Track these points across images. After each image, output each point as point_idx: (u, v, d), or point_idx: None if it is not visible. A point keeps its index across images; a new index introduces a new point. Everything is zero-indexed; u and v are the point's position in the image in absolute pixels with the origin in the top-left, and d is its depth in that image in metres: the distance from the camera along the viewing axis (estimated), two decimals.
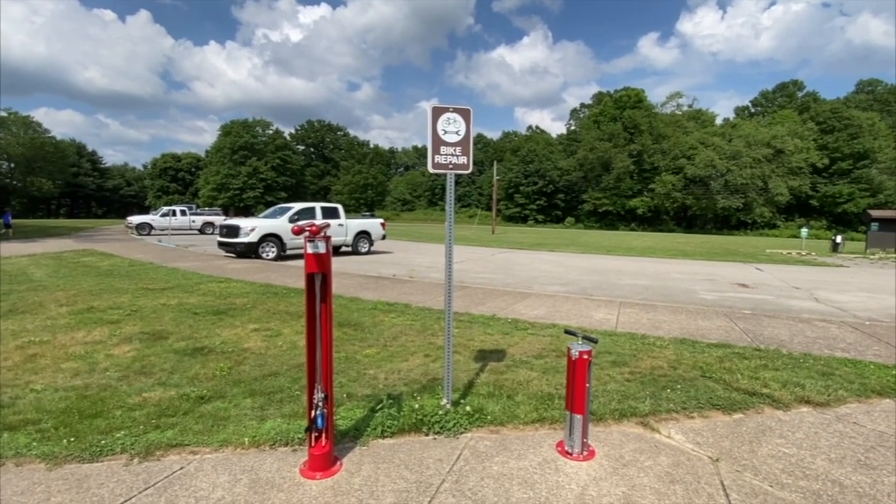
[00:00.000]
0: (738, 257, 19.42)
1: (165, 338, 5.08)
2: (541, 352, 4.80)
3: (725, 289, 10.27)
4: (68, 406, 3.37)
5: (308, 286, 2.53)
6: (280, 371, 4.14)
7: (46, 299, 6.89)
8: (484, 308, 6.94)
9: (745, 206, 55.97)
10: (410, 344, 4.98)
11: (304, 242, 2.46)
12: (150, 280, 8.83)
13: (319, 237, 2.44)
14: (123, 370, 4.13)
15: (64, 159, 65.81)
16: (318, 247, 2.45)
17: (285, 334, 5.28)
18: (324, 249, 2.47)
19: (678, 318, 6.62)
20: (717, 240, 38.09)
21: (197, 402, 3.49)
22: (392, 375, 4.08)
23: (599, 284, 10.30)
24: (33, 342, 4.82)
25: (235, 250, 13.09)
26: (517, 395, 3.65)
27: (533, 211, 68.13)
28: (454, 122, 3.00)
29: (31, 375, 3.97)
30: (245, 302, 6.95)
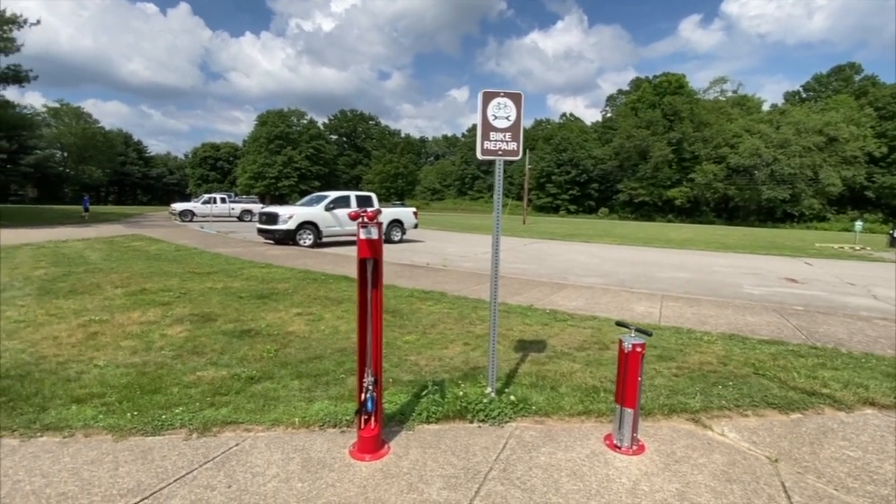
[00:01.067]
0: (785, 251, 18.47)
1: (214, 320, 5.28)
2: (582, 344, 4.71)
3: (773, 283, 9.80)
4: (129, 382, 3.55)
5: (360, 272, 2.55)
6: (324, 354, 4.23)
7: (102, 281, 7.28)
8: (520, 298, 6.88)
9: (792, 197, 53.10)
10: (449, 332, 4.99)
11: (358, 228, 2.48)
12: (195, 264, 9.20)
13: (373, 223, 2.45)
14: (177, 349, 4.32)
15: (112, 148, 69.24)
16: (371, 232, 2.47)
17: (327, 319, 5.39)
18: (376, 235, 2.49)
19: (724, 312, 6.36)
20: (761, 232, 36.36)
21: (247, 382, 3.61)
22: (433, 362, 4.10)
23: (637, 277, 10.02)
24: (94, 321, 5.11)
25: (274, 237, 13.45)
26: (560, 386, 3.60)
27: (565, 201, 66.88)
28: (504, 108, 2.94)
29: (94, 352, 4.21)
30: (286, 287, 7.14)
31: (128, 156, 74.96)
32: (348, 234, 15.00)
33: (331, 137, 79.20)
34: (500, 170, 3.02)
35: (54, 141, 64.23)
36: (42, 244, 12.19)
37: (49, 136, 63.57)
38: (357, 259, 2.52)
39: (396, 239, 16.26)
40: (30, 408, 3.10)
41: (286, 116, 69.42)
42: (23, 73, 23.02)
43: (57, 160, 66.05)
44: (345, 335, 4.81)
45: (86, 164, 65.50)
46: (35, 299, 6.03)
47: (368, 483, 2.42)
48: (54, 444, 2.73)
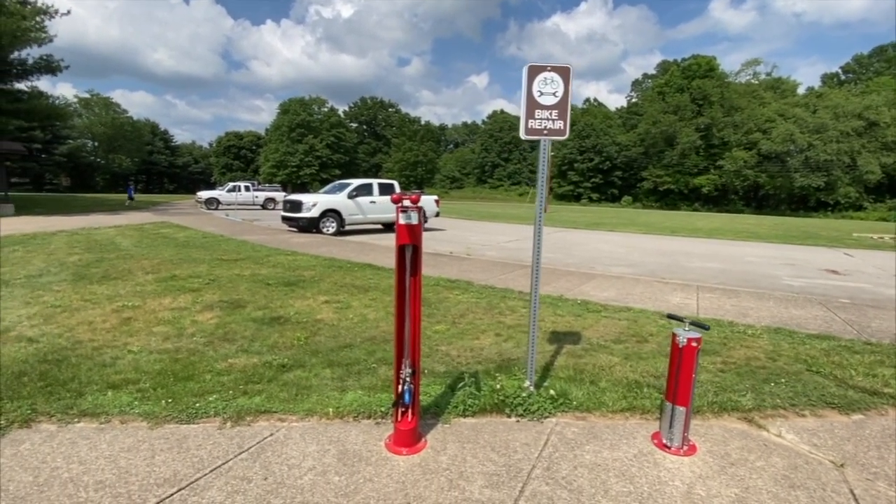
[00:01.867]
0: (821, 241, 17.69)
1: (243, 307, 5.28)
2: (619, 336, 4.53)
3: (812, 275, 9.35)
4: (163, 368, 3.55)
5: (399, 258, 2.43)
6: (354, 343, 4.16)
7: (134, 267, 7.40)
8: (549, 288, 6.70)
9: (827, 184, 50.82)
10: (479, 322, 4.87)
11: (397, 213, 2.35)
12: (223, 251, 9.29)
13: (413, 208, 2.32)
14: (208, 336, 4.32)
15: (140, 138, 70.90)
16: (412, 218, 2.34)
17: (355, 307, 5.33)
18: (416, 220, 2.36)
19: (765, 305, 6.06)
20: (793, 222, 34.98)
21: (279, 370, 3.57)
22: (465, 353, 3.99)
23: (667, 267, 9.69)
24: (127, 307, 5.16)
25: (298, 224, 13.52)
26: (600, 380, 3.45)
27: (587, 189, 65.61)
28: (551, 83, 2.75)
29: (128, 338, 4.24)
30: (313, 274, 7.12)
31: (155, 145, 76.68)
32: (371, 221, 14.98)
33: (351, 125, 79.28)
34: (544, 151, 2.85)
35: (85, 131, 66.09)
36: (76, 231, 12.52)
37: (80, 126, 65.44)
38: (395, 245, 2.40)
39: None
40: (67, 393, 3.11)
41: (307, 104, 69.68)
42: (55, 63, 23.56)
43: (88, 150, 68.04)
44: (373, 323, 4.74)
45: (115, 153, 67.30)
46: (70, 284, 6.14)
47: (407, 478, 2.33)
48: (91, 430, 2.73)
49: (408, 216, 2.35)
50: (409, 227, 2.33)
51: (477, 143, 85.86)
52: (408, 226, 2.34)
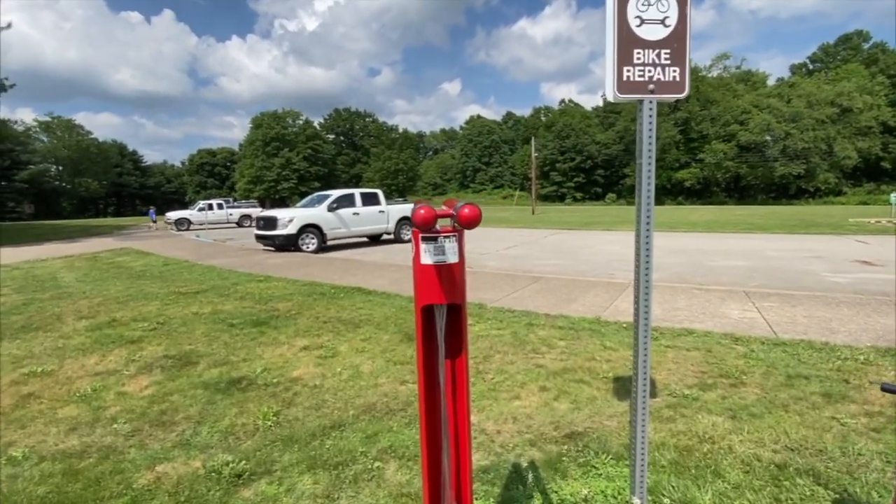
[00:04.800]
0: (824, 229, 17.08)
1: (194, 363, 4.00)
2: (701, 377, 3.40)
3: (849, 268, 8.45)
4: (48, 494, 2.27)
5: (422, 330, 1.23)
6: (345, 419, 2.94)
7: (67, 310, 6.01)
8: (578, 307, 5.56)
9: (806, 172, 51.35)
10: (511, 367, 3.69)
11: (415, 244, 1.16)
12: (182, 282, 7.92)
13: (452, 236, 1.13)
14: (136, 419, 3.04)
15: (107, 160, 68.12)
16: (447, 253, 1.15)
17: (343, 354, 4.10)
18: (457, 257, 1.17)
19: (841, 312, 5.02)
20: (783, 211, 34.84)
21: (232, 483, 2.32)
22: (506, 426, 2.80)
23: (691, 268, 8.69)
24: (34, 374, 3.83)
25: (274, 243, 12.17)
26: (724, 467, 2.29)
27: (570, 189, 65.32)
28: (658, 3, 1.61)
29: (17, 431, 2.93)
30: (289, 307, 5.84)
31: (124, 167, 73.84)
32: (355, 235, 13.72)
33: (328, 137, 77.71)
34: (647, 117, 1.69)
35: (48, 155, 63.14)
36: (16, 265, 10.94)
37: (42, 150, 62.48)
38: (416, 306, 1.20)
39: (407, 238, 14.93)
40: None
41: (281, 118, 67.92)
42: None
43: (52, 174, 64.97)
44: (369, 380, 3.52)
45: (82, 176, 64.38)
46: None
47: None
48: None
49: (439, 249, 1.15)
50: (440, 270, 1.14)
51: (457, 148, 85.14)
52: (439, 268, 1.15)
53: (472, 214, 1.06)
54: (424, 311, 1.20)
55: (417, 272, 1.15)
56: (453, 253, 1.15)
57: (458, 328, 1.25)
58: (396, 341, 4.40)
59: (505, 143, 78.94)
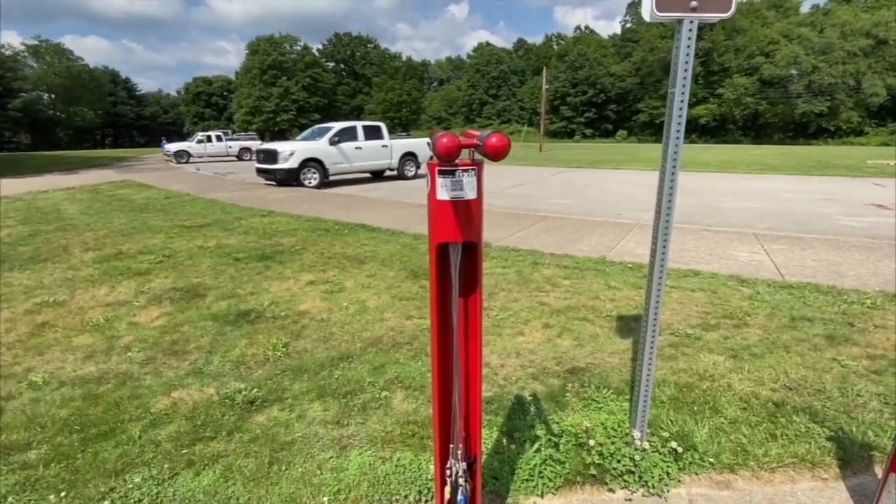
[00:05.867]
0: (841, 171, 16.59)
1: (202, 295, 4.05)
2: (705, 317, 3.42)
3: (863, 211, 8.29)
4: (70, 416, 2.37)
5: (436, 269, 1.18)
6: (352, 350, 3.00)
7: (73, 242, 6.03)
8: (583, 247, 5.52)
9: (829, 110, 49.03)
10: (515, 305, 3.71)
11: (432, 178, 1.07)
12: (186, 215, 7.88)
13: (471, 170, 1.04)
14: (149, 348, 3.12)
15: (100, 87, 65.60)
16: (465, 188, 1.06)
17: (349, 289, 4.13)
18: (475, 193, 1.08)
19: (852, 256, 4.97)
20: (800, 151, 33.71)
21: (246, 409, 2.41)
22: (509, 360, 2.86)
23: (701, 209, 8.53)
24: (47, 304, 3.90)
25: (275, 178, 11.96)
26: (722, 404, 2.35)
27: (580, 125, 63.01)
28: None
29: (35, 358, 3.03)
30: (293, 242, 5.84)
31: (118, 95, 71.27)
32: (358, 170, 13.44)
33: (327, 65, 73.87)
34: (686, 40, 1.52)
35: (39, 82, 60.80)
36: (18, 196, 10.89)
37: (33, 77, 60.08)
38: (429, 244, 1.13)
39: (410, 174, 14.66)
40: None
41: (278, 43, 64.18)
42: None
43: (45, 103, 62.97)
44: (376, 315, 3.57)
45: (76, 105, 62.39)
46: None
47: None
48: None
49: (457, 184, 1.06)
50: (458, 206, 1.07)
51: (463, 79, 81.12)
52: (456, 204, 1.07)
53: (500, 144, 0.95)
54: (439, 249, 1.14)
55: (432, 208, 1.07)
56: (472, 188, 1.06)
57: (473, 267, 1.19)
58: (402, 278, 4.42)
59: (514, 73, 75.02)
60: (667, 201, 1.81)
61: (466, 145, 1.01)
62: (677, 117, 1.62)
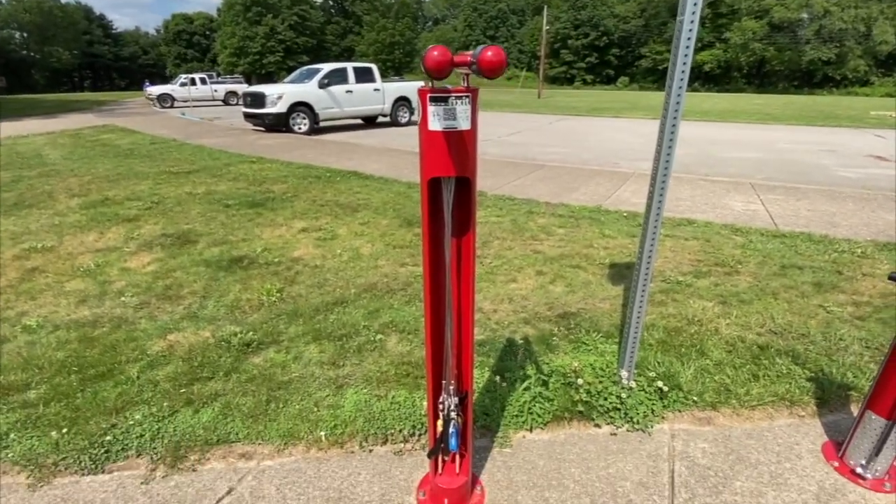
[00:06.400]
0: (843, 122, 16.29)
1: (194, 241, 4.01)
2: (697, 265, 3.45)
3: (861, 163, 8.22)
4: (68, 358, 2.40)
5: (429, 205, 1.14)
6: (347, 296, 3.02)
7: (57, 188, 5.87)
8: (579, 196, 5.46)
9: (837, 57, 47.40)
10: (509, 252, 3.71)
11: (423, 105, 1.00)
12: (173, 161, 7.66)
13: (464, 97, 0.97)
14: (143, 293, 3.12)
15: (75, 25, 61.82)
16: (458, 118, 1.00)
17: (342, 237, 4.10)
18: (468, 124, 1.02)
19: (846, 207, 4.97)
20: (804, 101, 32.89)
21: (242, 351, 2.45)
22: (502, 306, 2.89)
23: (699, 158, 8.41)
24: (35, 249, 3.85)
25: (264, 123, 11.55)
26: (708, 347, 2.41)
27: (581, 70, 60.67)
28: None
29: (27, 302, 3.02)
30: (284, 189, 5.72)
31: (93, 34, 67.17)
32: (349, 115, 12.98)
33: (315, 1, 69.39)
34: None
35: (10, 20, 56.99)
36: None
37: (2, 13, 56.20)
38: (422, 181, 1.09)
39: (404, 121, 14.19)
40: None
41: None
42: None
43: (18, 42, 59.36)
44: (370, 262, 3.56)
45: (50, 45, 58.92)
46: None
47: None
48: None
49: (449, 112, 1.00)
50: (450, 138, 1.01)
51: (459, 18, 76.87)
52: (448, 136, 1.01)
53: (496, 59, 0.87)
54: (431, 185, 1.10)
55: (424, 140, 1.02)
56: (465, 118, 1.00)
57: (466, 204, 1.16)
58: (396, 226, 4.38)
59: (514, 13, 71.10)
60: (668, 140, 1.75)
61: (459, 62, 0.93)
62: (685, 46, 1.53)
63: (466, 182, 1.12)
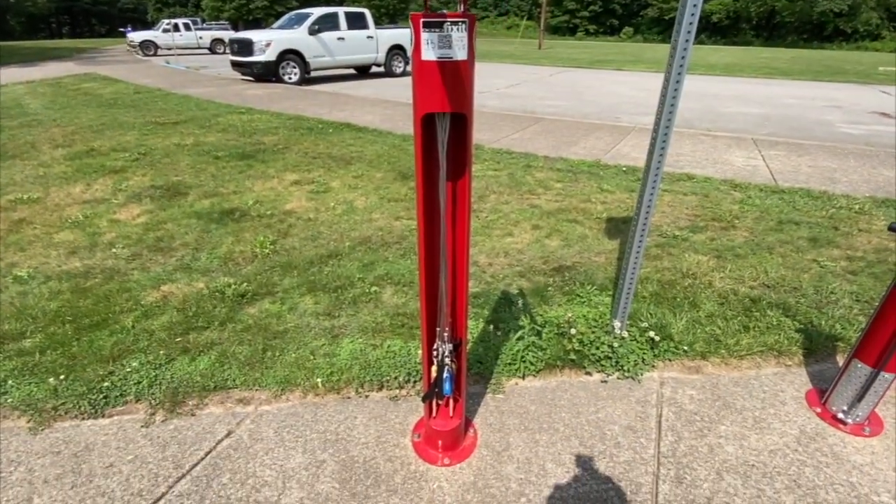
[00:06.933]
0: (850, 77, 15.86)
1: (184, 193, 3.92)
2: (694, 219, 3.43)
3: (866, 119, 8.05)
4: (61, 308, 2.39)
5: (421, 143, 1.08)
6: (341, 249, 2.99)
7: (40, 138, 5.67)
8: (579, 150, 5.35)
9: (850, 9, 45.49)
10: (505, 207, 3.67)
11: (415, 33, 0.92)
12: (159, 111, 7.38)
13: (459, 18, 0.90)
14: (134, 244, 3.07)
15: None
16: (454, 46, 0.93)
17: (335, 190, 4.02)
18: (465, 54, 0.95)
19: (847, 164, 4.90)
20: (812, 55, 31.84)
21: (237, 301, 2.45)
22: (497, 260, 2.88)
23: (702, 113, 8.20)
24: (21, 201, 3.76)
25: (252, 72, 11.07)
26: (701, 299, 2.43)
27: (584, 20, 58.03)
28: None
29: (17, 253, 2.97)
30: (275, 141, 5.55)
31: None
32: (341, 65, 12.44)
33: None
34: None
35: None
36: None
37: None
38: (415, 117, 1.02)
39: (399, 71, 13.66)
40: None
41: None
42: None
43: None
44: (364, 215, 3.51)
45: None
46: None
47: None
48: None
49: (444, 40, 0.93)
50: (445, 69, 0.94)
51: None
52: (443, 66, 0.94)
53: None
54: (424, 122, 1.04)
55: (417, 71, 0.95)
56: (461, 46, 0.93)
57: (462, 144, 1.10)
58: (390, 179, 4.30)
59: None
60: (672, 94, 1.67)
61: None
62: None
63: (462, 120, 1.06)
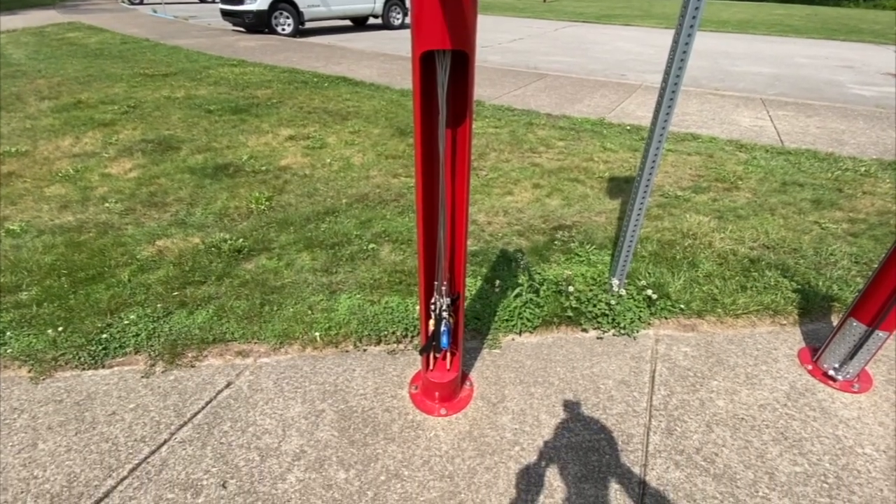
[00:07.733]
0: (865, 36, 15.28)
1: (176, 148, 3.82)
2: (697, 180, 3.37)
3: (878, 80, 7.81)
4: (56, 262, 2.37)
5: (419, 84, 1.02)
6: (338, 206, 2.95)
7: (25, 90, 5.47)
8: (582, 108, 5.19)
9: None
10: (506, 165, 3.59)
11: None
12: (147, 63, 7.09)
13: None
14: (127, 199, 3.02)
15: None
16: None
17: (332, 146, 3.92)
18: None
19: (856, 125, 4.79)
20: (827, 12, 30.49)
21: (233, 257, 2.43)
22: (497, 218, 2.85)
23: (711, 72, 7.94)
24: (9, 153, 3.66)
25: (244, 22, 10.56)
26: (700, 259, 2.42)
27: None
28: None
29: (8, 207, 2.92)
30: (269, 95, 5.37)
31: None
32: (336, 16, 11.88)
33: None
34: None
35: None
36: None
37: None
38: (412, 54, 0.96)
39: (397, 23, 13.07)
40: None
41: None
42: None
43: None
44: (361, 172, 3.44)
45: None
46: None
47: (456, 467, 1.44)
48: None
49: None
50: (445, 2, 0.87)
51: None
52: None
53: None
54: (423, 61, 0.98)
55: (416, 4, 0.88)
56: None
57: (462, 86, 1.04)
58: (388, 135, 4.18)
59: None
60: (681, 51, 1.58)
61: None
62: None
63: (463, 58, 1.00)
